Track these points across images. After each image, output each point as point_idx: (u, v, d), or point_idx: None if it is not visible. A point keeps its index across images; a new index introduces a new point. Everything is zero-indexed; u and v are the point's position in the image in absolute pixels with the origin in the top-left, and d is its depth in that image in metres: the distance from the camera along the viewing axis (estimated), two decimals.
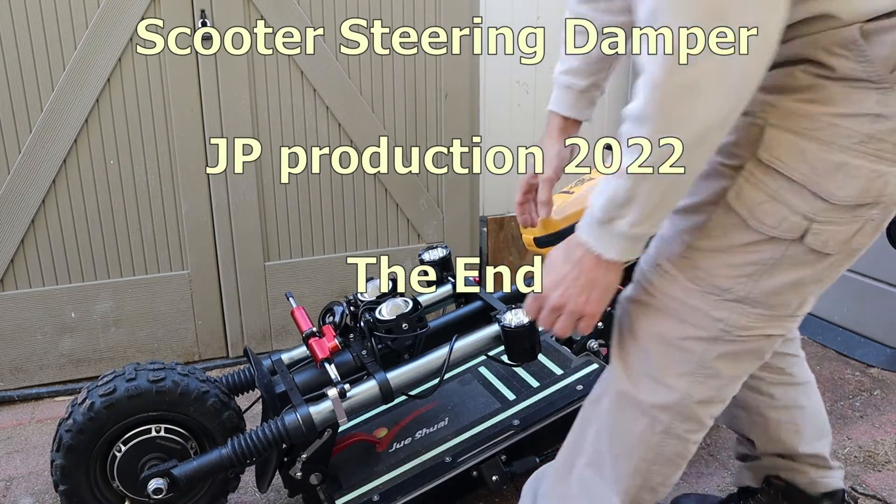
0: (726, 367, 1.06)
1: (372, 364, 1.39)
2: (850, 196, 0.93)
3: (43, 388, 2.15)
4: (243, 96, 2.10)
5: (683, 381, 1.06)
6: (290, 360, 1.54)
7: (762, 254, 0.99)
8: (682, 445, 1.11)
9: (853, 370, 2.17)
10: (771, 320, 1.03)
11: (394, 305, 1.41)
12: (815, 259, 0.99)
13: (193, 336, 2.27)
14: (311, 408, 1.31)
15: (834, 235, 0.96)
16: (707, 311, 1.02)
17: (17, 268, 2.06)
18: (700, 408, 1.08)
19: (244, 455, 1.30)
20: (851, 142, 0.91)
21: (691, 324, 1.04)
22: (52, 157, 2.00)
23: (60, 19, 1.92)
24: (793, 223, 0.96)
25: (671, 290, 1.05)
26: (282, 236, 2.28)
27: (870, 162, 0.91)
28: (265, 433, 1.30)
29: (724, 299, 1.02)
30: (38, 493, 1.73)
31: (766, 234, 0.97)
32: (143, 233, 2.14)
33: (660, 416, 1.09)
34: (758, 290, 1.00)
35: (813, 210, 0.95)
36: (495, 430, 1.53)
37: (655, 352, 1.07)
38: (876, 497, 1.63)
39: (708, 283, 1.02)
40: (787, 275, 1.00)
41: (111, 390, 1.33)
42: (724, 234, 1.00)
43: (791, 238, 0.97)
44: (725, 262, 1.01)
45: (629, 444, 1.12)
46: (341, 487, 1.46)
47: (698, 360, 1.05)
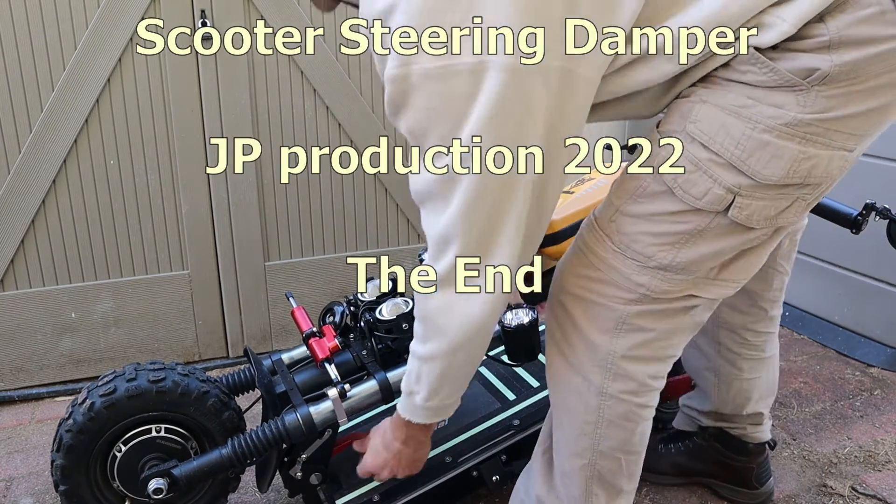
0: (650, 323, 1.08)
1: (372, 364, 1.39)
2: (776, 175, 0.95)
3: (43, 389, 2.15)
4: (243, 96, 2.10)
5: (605, 337, 1.09)
6: (291, 360, 1.54)
7: (687, 224, 1.01)
8: (624, 406, 1.12)
9: (853, 370, 2.17)
10: (693, 284, 1.06)
11: (394, 305, 1.41)
12: (739, 231, 1.01)
13: (193, 336, 2.27)
14: (312, 408, 1.31)
15: (759, 210, 0.98)
16: (629, 274, 1.05)
17: (17, 268, 2.06)
18: (628, 364, 1.10)
19: (244, 455, 1.30)
20: (777, 123, 0.93)
21: (614, 284, 1.07)
22: (52, 157, 2.00)
23: (60, 19, 1.92)
24: (717, 195, 0.97)
25: (598, 249, 1.08)
26: (282, 236, 2.28)
27: (796, 144, 0.93)
28: (265, 433, 1.30)
29: (645, 266, 1.04)
30: (39, 493, 1.73)
31: (692, 204, 0.99)
32: (143, 233, 2.14)
33: (590, 376, 1.11)
34: (680, 258, 1.02)
35: (737, 184, 0.96)
36: (495, 430, 1.53)
37: (580, 309, 1.10)
38: (876, 497, 1.63)
39: (631, 249, 1.04)
40: (710, 245, 1.02)
41: (111, 390, 1.33)
42: (651, 200, 1.02)
43: (715, 210, 0.98)
44: (649, 230, 1.03)
45: (571, 409, 1.16)
46: (341, 487, 1.46)
47: (619, 316, 1.08)
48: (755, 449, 1.56)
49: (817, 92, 0.91)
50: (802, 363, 2.22)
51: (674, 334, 1.11)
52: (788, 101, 0.92)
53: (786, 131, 0.93)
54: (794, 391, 2.07)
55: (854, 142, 0.96)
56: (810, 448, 1.81)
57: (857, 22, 0.89)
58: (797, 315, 2.45)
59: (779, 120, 0.93)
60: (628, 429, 1.15)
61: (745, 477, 1.57)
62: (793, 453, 1.79)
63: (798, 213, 1.01)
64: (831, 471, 1.72)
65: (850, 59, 0.89)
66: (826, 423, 1.91)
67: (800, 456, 1.78)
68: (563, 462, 1.20)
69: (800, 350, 2.30)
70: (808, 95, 0.91)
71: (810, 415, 1.95)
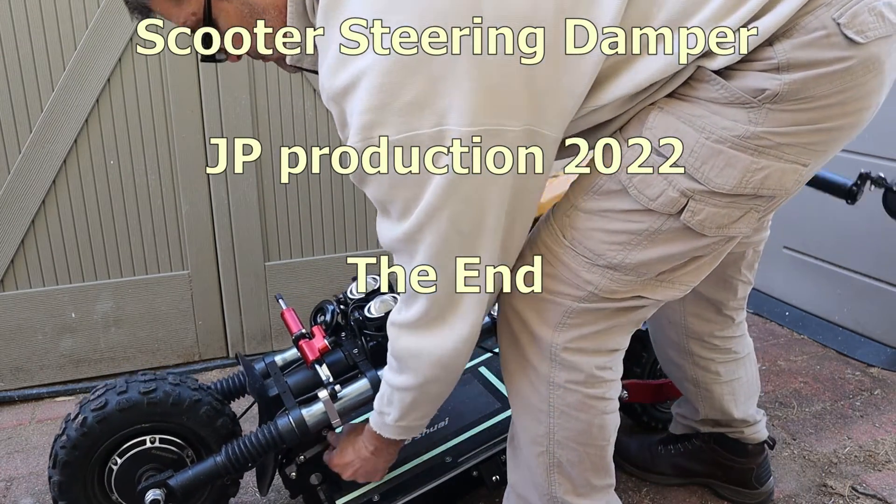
0: (593, 320, 1.09)
1: (364, 362, 1.38)
2: (728, 184, 0.97)
3: (43, 389, 2.15)
4: (243, 96, 2.10)
5: (548, 330, 1.10)
6: (284, 361, 1.52)
7: (639, 224, 1.02)
8: (573, 396, 1.13)
9: (853, 370, 2.17)
10: (642, 285, 1.07)
11: (382, 302, 1.40)
12: (690, 237, 1.02)
13: (193, 336, 2.27)
14: (304, 410, 1.30)
15: (712, 217, 1.00)
16: (578, 271, 1.06)
17: (17, 268, 2.06)
18: (571, 355, 1.11)
19: (239, 462, 1.30)
20: (730, 134, 0.95)
21: (563, 280, 1.08)
22: (52, 157, 2.00)
23: (60, 19, 1.92)
24: (671, 198, 0.99)
25: (551, 243, 1.09)
26: (282, 236, 2.28)
27: (749, 155, 0.96)
28: (259, 438, 1.30)
29: (595, 264, 1.05)
30: (39, 493, 1.73)
31: (645, 205, 1.00)
32: (143, 233, 2.14)
33: (538, 366, 1.13)
34: (630, 259, 1.04)
35: (690, 188, 0.98)
36: (495, 430, 1.53)
37: (525, 301, 1.12)
38: (876, 497, 1.63)
39: (582, 245, 1.05)
40: (660, 248, 1.03)
41: (102, 404, 1.32)
42: (606, 197, 1.04)
43: (668, 213, 1.00)
44: (602, 227, 1.04)
45: (524, 398, 1.17)
46: (341, 488, 1.46)
47: (563, 311, 1.09)
48: (754, 450, 1.56)
49: (768, 109, 0.94)
50: (802, 363, 2.22)
51: (614, 330, 1.12)
52: (740, 116, 0.95)
53: (738, 143, 0.95)
54: (794, 391, 2.07)
55: (808, 157, 0.98)
56: (810, 448, 1.81)
57: (803, 45, 0.92)
58: (797, 315, 2.45)
59: (732, 132, 0.95)
60: (582, 419, 1.15)
61: (745, 477, 1.57)
62: (793, 453, 1.79)
63: (750, 225, 1.03)
64: (831, 471, 1.72)
65: (798, 78, 0.92)
66: (826, 422, 1.91)
67: (800, 456, 1.78)
68: (524, 449, 1.22)
69: (800, 350, 2.30)
70: (760, 112, 0.94)
71: (810, 415, 1.95)
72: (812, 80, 0.93)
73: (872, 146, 2.13)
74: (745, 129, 0.95)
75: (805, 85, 0.93)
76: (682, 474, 1.64)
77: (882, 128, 2.09)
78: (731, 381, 1.50)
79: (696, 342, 1.48)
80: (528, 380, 1.16)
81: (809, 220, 2.37)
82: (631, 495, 1.63)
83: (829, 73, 0.92)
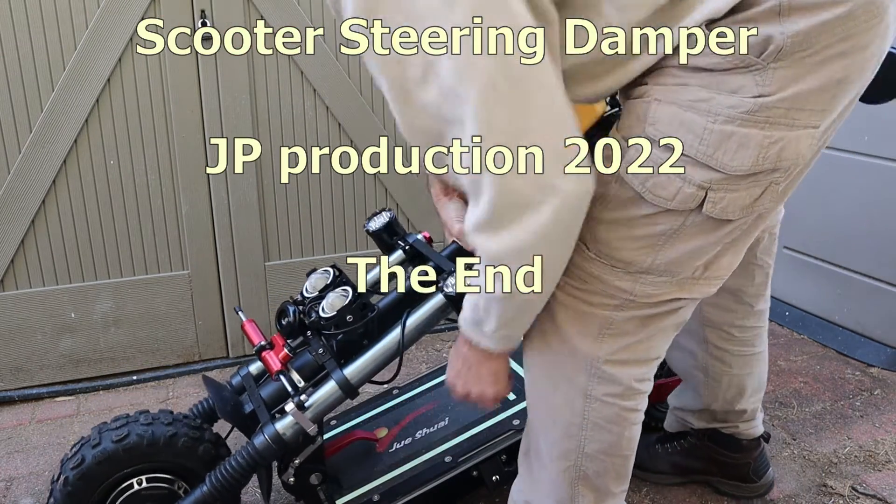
0: (634, 328, 1.06)
1: (329, 362, 1.34)
2: (745, 164, 0.93)
3: (43, 389, 2.15)
4: (243, 96, 2.10)
5: (588, 342, 1.07)
6: (259, 370, 1.50)
7: (662, 225, 0.99)
8: (610, 409, 1.11)
9: (853, 370, 2.17)
10: (678, 285, 1.04)
11: (334, 299, 1.35)
12: (717, 226, 0.99)
13: (193, 336, 2.27)
14: (278, 424, 1.28)
15: (734, 202, 0.96)
16: (610, 281, 1.03)
17: (17, 268, 2.06)
18: (613, 367, 1.08)
19: (225, 489, 1.28)
20: (737, 111, 0.91)
21: (596, 292, 1.05)
22: (52, 157, 2.00)
23: (60, 19, 1.92)
24: (688, 194, 0.96)
25: (576, 258, 1.05)
26: (282, 236, 2.28)
27: (760, 129, 0.92)
28: (239, 462, 1.28)
29: (627, 271, 1.02)
30: (39, 493, 1.73)
31: (663, 206, 0.97)
32: (143, 233, 2.14)
33: (575, 378, 1.10)
34: (660, 259, 1.01)
35: (707, 179, 0.94)
36: (495, 430, 1.53)
37: (562, 315, 1.09)
38: (876, 497, 1.63)
39: (609, 256, 1.03)
40: (688, 243, 1.00)
41: (79, 461, 1.31)
42: (623, 206, 1.01)
43: (689, 208, 0.97)
44: (625, 235, 1.01)
45: (556, 411, 1.14)
46: (341, 488, 1.46)
47: (603, 321, 1.06)
48: (749, 444, 1.55)
49: (773, 69, 0.90)
50: (802, 363, 2.22)
51: (657, 336, 1.10)
52: (746, 82, 0.91)
53: (747, 119, 0.91)
54: (794, 391, 2.07)
55: (818, 118, 0.94)
56: (810, 448, 1.81)
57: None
58: (797, 315, 2.45)
59: (738, 109, 0.91)
60: (615, 432, 1.13)
61: (743, 472, 1.57)
62: (793, 453, 1.79)
63: (774, 199, 0.99)
64: (831, 471, 1.72)
65: (800, 28, 0.88)
66: (826, 422, 1.91)
67: (800, 456, 1.78)
68: (547, 464, 1.19)
69: (800, 350, 2.30)
70: (765, 74, 0.90)
71: (810, 415, 1.95)
72: (815, 29, 0.88)
73: (872, 146, 2.13)
74: (752, 103, 0.91)
75: (808, 35, 0.89)
76: (680, 472, 1.64)
77: (883, 128, 2.10)
78: (742, 375, 1.48)
79: (714, 331, 1.45)
80: (562, 394, 1.12)
81: (809, 220, 2.37)
82: (631, 495, 1.63)
83: (831, 19, 0.88)
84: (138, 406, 2.09)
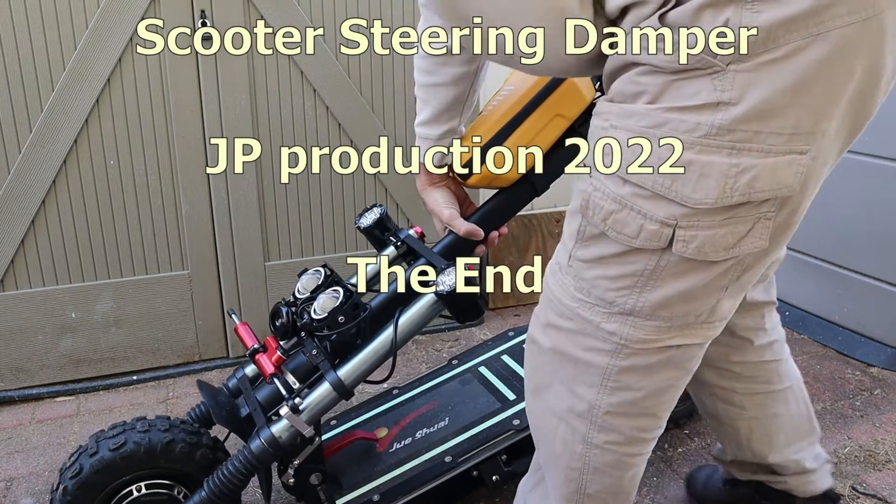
0: (636, 380, 0.99)
1: (323, 363, 1.33)
2: (710, 196, 0.83)
3: (43, 389, 2.15)
4: (243, 96, 2.10)
5: (591, 392, 1.01)
6: (255, 373, 1.49)
7: (635, 265, 0.91)
8: (611, 456, 1.05)
9: (853, 370, 2.17)
10: (673, 331, 0.95)
11: (325, 300, 1.34)
12: (700, 267, 0.89)
13: (193, 336, 2.27)
14: (273, 428, 1.28)
15: (710, 240, 0.86)
16: (598, 323, 0.97)
17: (17, 268, 2.06)
18: (615, 419, 1.02)
19: (224, 494, 1.28)
20: (695, 136, 0.81)
21: (586, 334, 0.98)
22: (52, 157, 2.00)
23: (60, 19, 1.92)
24: (652, 232, 0.87)
25: (564, 297, 1.00)
26: (282, 236, 2.28)
27: (724, 157, 0.81)
28: (236, 467, 1.28)
29: (611, 312, 0.95)
30: (39, 493, 1.73)
31: (629, 244, 0.90)
32: (143, 233, 2.14)
33: (575, 424, 1.05)
34: (643, 302, 0.93)
35: (670, 215, 0.85)
36: (495, 430, 1.53)
37: (558, 360, 1.03)
38: (876, 496, 1.63)
39: (593, 295, 0.96)
40: (671, 286, 0.91)
41: (78, 471, 1.31)
42: (595, 244, 0.95)
43: (656, 247, 0.88)
44: (603, 274, 0.94)
45: (555, 453, 1.10)
46: (341, 488, 1.46)
47: (602, 372, 0.99)
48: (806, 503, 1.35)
49: (734, 71, 0.79)
50: (802, 363, 2.22)
51: (664, 391, 1.01)
52: (704, 87, 0.80)
53: (708, 144, 0.81)
54: None
55: (803, 142, 0.81)
56: None
57: None
58: (797, 315, 2.45)
59: (695, 133, 0.81)
60: (615, 475, 1.08)
61: None
62: None
63: (765, 237, 0.87)
64: (831, 471, 1.72)
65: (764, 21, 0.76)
66: (826, 422, 1.91)
67: None
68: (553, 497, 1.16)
69: (800, 350, 2.30)
70: (725, 77, 0.79)
71: None
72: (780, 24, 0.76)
73: (872, 146, 2.13)
74: (712, 121, 0.80)
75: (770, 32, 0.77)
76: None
77: (883, 128, 2.09)
78: (761, 418, 1.29)
79: (711, 370, 1.29)
80: (560, 438, 1.07)
81: (809, 220, 2.36)
82: None
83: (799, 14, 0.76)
84: (138, 406, 2.09)
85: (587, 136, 0.98)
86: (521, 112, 1.35)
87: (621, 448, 1.05)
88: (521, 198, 1.43)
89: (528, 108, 1.35)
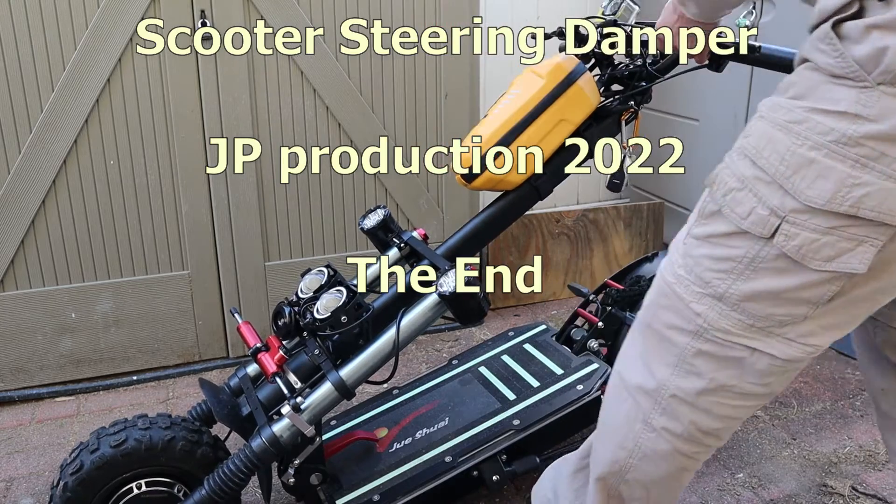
0: (707, 367, 1.02)
1: (325, 363, 1.34)
2: (822, 196, 0.87)
3: (43, 389, 2.15)
4: (243, 96, 2.10)
5: (664, 371, 1.06)
6: (257, 372, 1.49)
7: (737, 250, 0.96)
8: (664, 445, 1.08)
9: (853, 369, 2.17)
10: (753, 332, 0.98)
11: (328, 300, 1.35)
12: (794, 269, 0.92)
13: (193, 336, 2.27)
14: (275, 427, 1.28)
15: (811, 244, 0.89)
16: (688, 301, 1.01)
17: (17, 268, 2.06)
18: (678, 406, 1.05)
19: (224, 492, 1.28)
20: (826, 139, 0.86)
21: (675, 311, 1.03)
22: (52, 157, 2.00)
23: (60, 20, 1.92)
24: (761, 216, 0.92)
25: (667, 274, 1.05)
26: (282, 236, 2.28)
27: (847, 166, 0.85)
28: (237, 465, 1.28)
29: (704, 293, 1.00)
30: (39, 493, 1.73)
31: (738, 225, 0.95)
32: (143, 233, 2.14)
33: (640, 400, 1.09)
34: (734, 289, 0.97)
35: (781, 206, 0.90)
36: (495, 430, 1.53)
37: (644, 335, 1.09)
38: (876, 496, 1.63)
39: (694, 273, 1.01)
40: (763, 281, 0.94)
41: (78, 467, 1.32)
42: (708, 221, 1.00)
43: (761, 234, 0.93)
44: (709, 254, 0.99)
45: (614, 426, 1.13)
46: (341, 487, 1.46)
47: (679, 352, 1.04)
48: None
49: (882, 92, 0.83)
50: None
51: (730, 389, 1.02)
52: (848, 97, 0.85)
53: (835, 150, 0.85)
54: (795, 391, 2.07)
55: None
56: (810, 448, 1.81)
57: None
58: None
59: (828, 137, 0.86)
60: (660, 470, 1.09)
61: None
62: (793, 453, 1.79)
63: (865, 262, 0.88)
64: (831, 470, 1.72)
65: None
66: (826, 422, 1.91)
67: (800, 456, 1.78)
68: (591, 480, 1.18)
69: None
70: (872, 94, 0.83)
71: (810, 414, 1.95)
72: None
73: None
74: (845, 130, 0.85)
75: None
76: None
77: None
78: None
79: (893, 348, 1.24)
80: (624, 413, 1.10)
81: None
82: None
83: None
84: (138, 406, 2.09)
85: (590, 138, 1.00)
86: (527, 116, 1.36)
87: (676, 440, 1.07)
88: (524, 201, 1.44)
89: (535, 113, 1.36)
